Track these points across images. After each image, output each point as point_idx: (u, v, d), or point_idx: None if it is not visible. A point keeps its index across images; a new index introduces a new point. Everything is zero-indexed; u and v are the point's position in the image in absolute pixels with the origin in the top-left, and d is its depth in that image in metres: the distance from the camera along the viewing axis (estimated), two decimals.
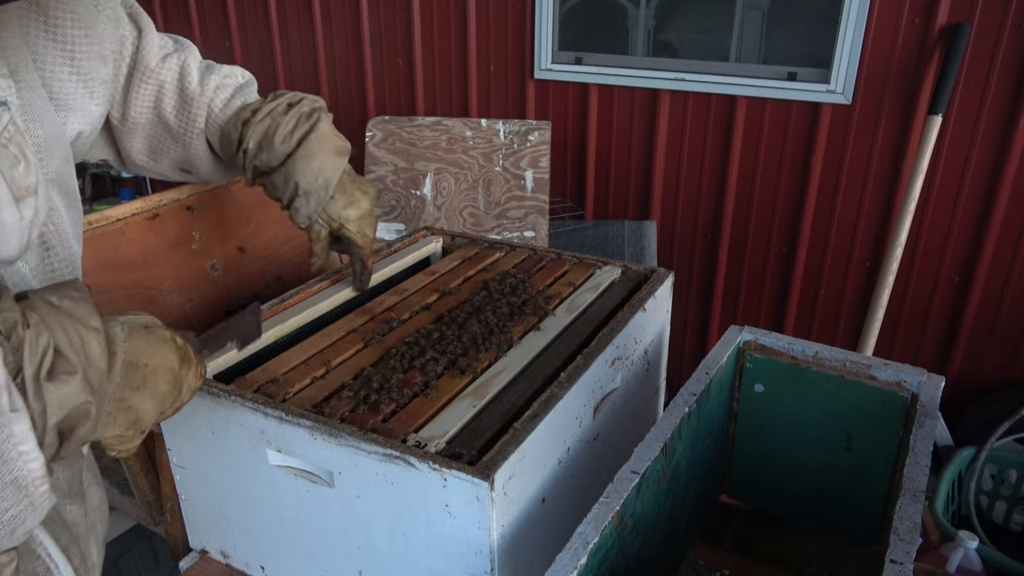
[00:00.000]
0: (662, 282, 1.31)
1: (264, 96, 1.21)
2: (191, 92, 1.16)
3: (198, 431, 1.05)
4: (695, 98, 2.97)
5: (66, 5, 0.92)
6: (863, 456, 1.14)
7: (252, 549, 1.12)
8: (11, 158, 0.78)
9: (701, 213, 3.12)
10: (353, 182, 1.24)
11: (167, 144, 1.19)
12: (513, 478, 0.87)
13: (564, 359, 1.10)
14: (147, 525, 1.38)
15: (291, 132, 1.16)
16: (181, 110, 1.17)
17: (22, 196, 0.78)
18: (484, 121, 2.89)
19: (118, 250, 1.26)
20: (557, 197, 3.28)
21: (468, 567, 0.89)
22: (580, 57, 3.14)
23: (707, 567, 1.18)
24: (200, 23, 4.03)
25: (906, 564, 0.77)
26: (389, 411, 0.98)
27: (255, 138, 1.15)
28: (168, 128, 1.17)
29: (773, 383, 1.19)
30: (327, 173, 1.18)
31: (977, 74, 2.52)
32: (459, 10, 3.27)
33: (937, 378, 1.08)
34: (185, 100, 1.16)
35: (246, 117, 1.16)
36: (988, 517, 2.46)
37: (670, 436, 0.97)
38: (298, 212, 1.19)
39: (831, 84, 2.72)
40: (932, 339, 2.90)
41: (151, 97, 1.14)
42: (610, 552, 0.85)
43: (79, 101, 0.95)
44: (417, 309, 1.26)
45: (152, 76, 1.12)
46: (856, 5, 2.59)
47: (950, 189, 2.67)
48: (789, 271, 3.03)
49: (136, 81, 1.11)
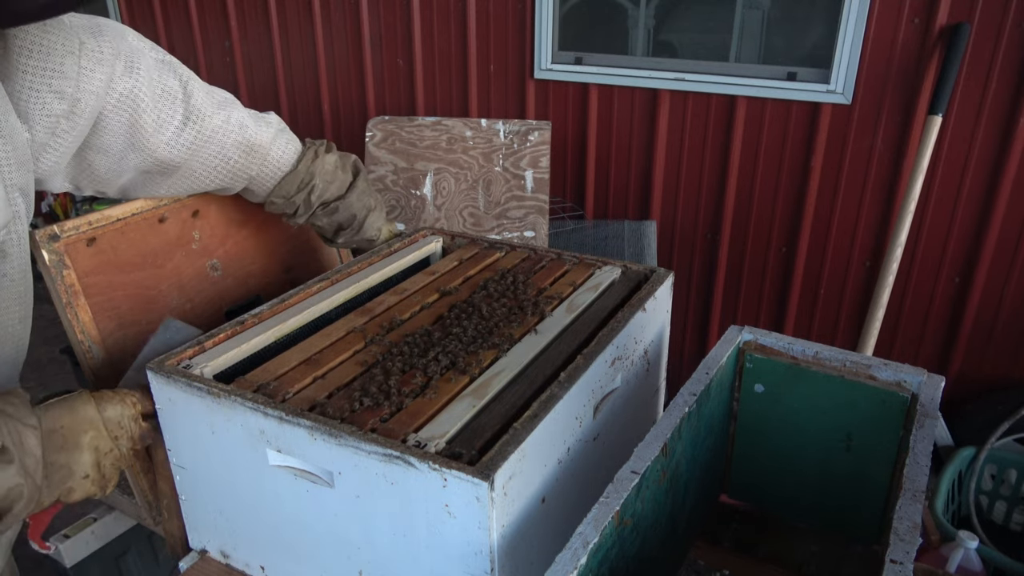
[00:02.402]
0: (662, 282, 1.31)
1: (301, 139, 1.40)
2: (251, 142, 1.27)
3: (198, 431, 1.05)
4: (695, 98, 2.97)
5: (27, 32, 0.92)
6: (863, 456, 1.14)
7: (252, 549, 1.12)
8: None
9: (701, 213, 3.12)
10: None
11: (201, 184, 1.28)
12: (513, 478, 0.87)
13: (564, 359, 1.10)
14: (147, 525, 1.38)
15: (345, 166, 1.42)
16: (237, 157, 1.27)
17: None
18: (484, 121, 2.89)
19: (118, 250, 1.26)
20: (557, 197, 3.28)
21: (468, 567, 0.89)
22: (580, 57, 3.14)
23: (707, 567, 1.18)
24: (200, 23, 4.03)
25: (906, 564, 0.77)
26: (389, 411, 0.98)
27: (321, 174, 1.37)
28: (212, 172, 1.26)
29: (773, 383, 1.19)
30: (377, 195, 1.49)
31: (977, 74, 2.52)
32: (459, 10, 3.27)
33: (937, 378, 1.08)
34: (243, 149, 1.27)
35: (312, 158, 1.36)
36: (988, 517, 2.46)
37: (670, 436, 0.97)
38: (372, 226, 1.47)
39: (831, 84, 2.72)
40: (932, 339, 2.90)
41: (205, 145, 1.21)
42: (610, 552, 0.85)
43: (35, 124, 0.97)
44: (417, 309, 1.26)
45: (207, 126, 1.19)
46: (856, 5, 2.59)
47: (950, 189, 2.67)
48: (789, 271, 3.03)
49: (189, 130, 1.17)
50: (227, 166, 1.26)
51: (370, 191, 1.46)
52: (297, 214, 1.39)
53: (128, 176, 1.17)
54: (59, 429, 0.90)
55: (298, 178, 1.35)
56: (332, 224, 1.43)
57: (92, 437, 0.93)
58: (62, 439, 0.90)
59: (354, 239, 1.48)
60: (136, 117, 1.08)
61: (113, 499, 1.45)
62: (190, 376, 1.02)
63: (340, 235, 1.45)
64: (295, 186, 1.35)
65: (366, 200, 1.44)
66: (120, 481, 1.45)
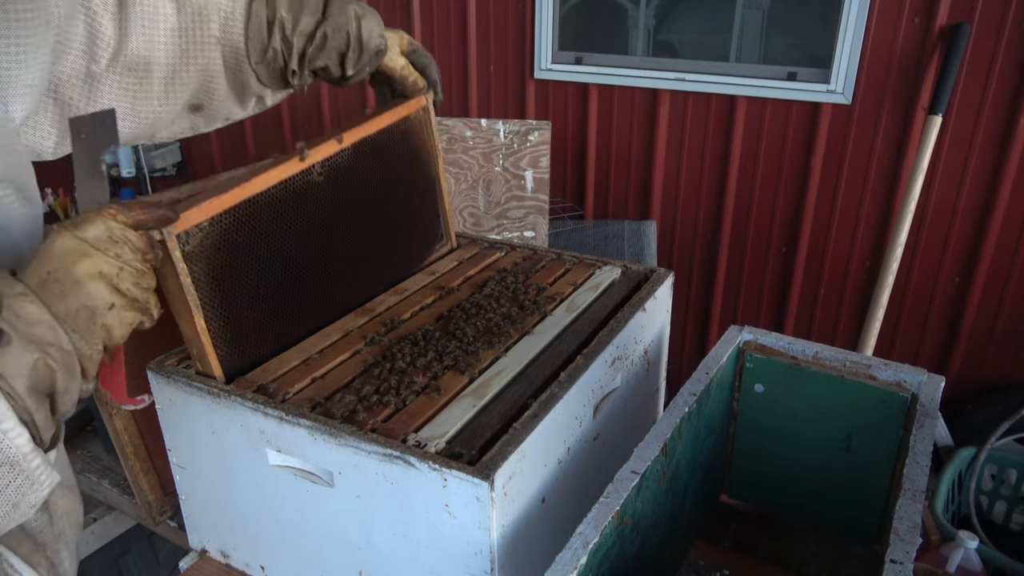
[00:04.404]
0: (662, 282, 1.31)
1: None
2: (195, 1, 1.10)
3: (198, 431, 1.05)
4: (695, 98, 2.97)
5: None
6: (863, 456, 1.14)
7: (252, 549, 1.12)
8: None
9: (701, 213, 3.12)
10: None
11: (180, 72, 1.12)
12: (513, 478, 0.87)
13: (564, 359, 1.10)
14: (147, 525, 1.38)
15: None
16: (190, 24, 1.10)
17: None
18: (484, 121, 2.89)
19: None
20: (557, 197, 3.28)
21: (468, 567, 0.89)
22: (580, 57, 3.14)
23: (707, 567, 1.18)
24: None
25: (906, 564, 0.77)
26: (389, 411, 0.98)
27: (283, 5, 1.15)
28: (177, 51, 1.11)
29: (773, 383, 1.19)
30: (364, 5, 1.21)
31: (977, 74, 2.52)
32: (459, 10, 3.27)
33: (937, 378, 1.08)
34: (191, 12, 1.10)
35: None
36: (988, 517, 2.46)
37: (670, 436, 0.97)
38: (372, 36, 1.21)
39: (831, 84, 2.72)
40: (932, 339, 2.90)
41: (151, 24, 1.07)
42: (610, 552, 0.85)
43: (19, 77, 0.88)
44: (417, 309, 1.26)
45: (146, 3, 1.05)
46: (856, 5, 2.59)
47: (950, 189, 2.67)
48: (789, 271, 3.03)
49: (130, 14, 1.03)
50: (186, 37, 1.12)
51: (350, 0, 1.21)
52: (290, 66, 1.19)
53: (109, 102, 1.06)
54: (47, 277, 0.77)
55: (261, 20, 1.16)
56: (332, 57, 1.22)
57: (87, 264, 0.78)
58: (58, 284, 0.77)
59: (363, 62, 1.24)
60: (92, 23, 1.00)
61: (113, 499, 1.45)
62: (190, 376, 1.03)
63: (347, 65, 1.23)
64: (264, 31, 1.16)
65: (350, 10, 1.20)
66: (120, 481, 1.45)
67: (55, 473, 0.75)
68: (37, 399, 0.72)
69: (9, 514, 0.72)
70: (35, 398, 0.72)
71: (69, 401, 0.75)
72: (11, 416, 0.69)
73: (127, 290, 0.80)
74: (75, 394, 0.76)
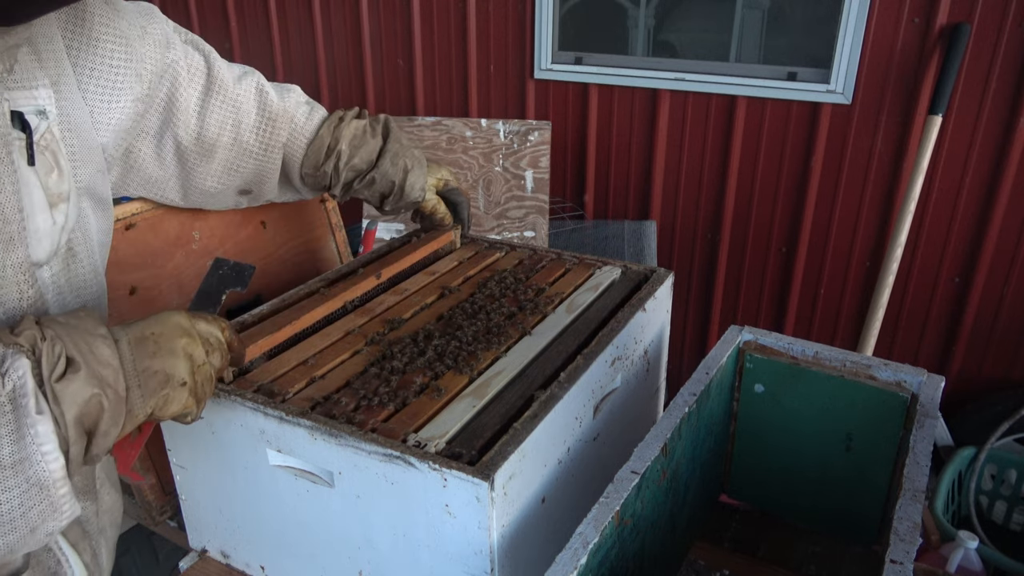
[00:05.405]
0: (662, 282, 1.31)
1: None
2: (273, 109, 1.26)
3: (198, 431, 1.05)
4: (695, 98, 2.97)
5: (109, 22, 0.97)
6: (863, 456, 1.14)
7: (252, 549, 1.12)
8: (47, 165, 0.85)
9: (701, 213, 3.12)
10: None
11: (242, 162, 1.26)
12: (513, 478, 0.87)
13: (564, 359, 1.10)
14: (147, 525, 1.38)
15: (375, 129, 1.36)
16: (263, 126, 1.26)
17: (55, 202, 0.86)
18: (484, 121, 2.89)
19: (118, 250, 1.26)
20: (557, 197, 3.28)
21: (468, 567, 0.89)
22: (580, 57, 3.14)
23: (707, 567, 1.18)
24: (200, 23, 4.03)
25: (906, 564, 0.77)
26: (389, 411, 0.98)
27: (347, 139, 1.31)
28: (245, 146, 1.25)
29: (773, 383, 1.19)
30: (416, 151, 1.40)
31: (977, 74, 2.52)
32: (459, 10, 3.27)
33: (937, 378, 1.08)
34: (267, 116, 1.26)
35: (336, 123, 1.32)
36: (988, 517, 2.46)
37: (670, 436, 0.97)
38: (413, 189, 1.39)
39: (831, 84, 2.72)
40: (932, 339, 2.90)
41: (230, 116, 1.21)
42: (610, 552, 0.85)
43: (105, 115, 0.99)
44: (417, 309, 1.26)
45: (229, 96, 1.20)
46: (856, 5, 2.59)
47: (950, 189, 2.67)
48: (789, 271, 3.03)
49: (214, 101, 1.18)
50: (257, 137, 1.26)
51: (405, 151, 1.39)
52: (332, 186, 1.35)
53: (170, 165, 1.18)
54: (150, 336, 0.84)
55: (323, 144, 1.31)
56: (375, 195, 1.39)
57: (187, 343, 0.86)
58: (155, 345, 0.83)
59: (400, 205, 1.42)
60: (174, 90, 1.11)
61: None
62: None
63: (386, 203, 1.41)
64: (322, 153, 1.31)
65: (401, 163, 1.37)
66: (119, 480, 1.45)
67: (77, 506, 0.78)
68: (79, 432, 0.75)
69: (25, 537, 0.74)
70: (77, 431, 0.75)
71: (104, 445, 0.79)
72: (53, 440, 0.73)
73: (199, 381, 0.88)
74: (112, 440, 0.80)
